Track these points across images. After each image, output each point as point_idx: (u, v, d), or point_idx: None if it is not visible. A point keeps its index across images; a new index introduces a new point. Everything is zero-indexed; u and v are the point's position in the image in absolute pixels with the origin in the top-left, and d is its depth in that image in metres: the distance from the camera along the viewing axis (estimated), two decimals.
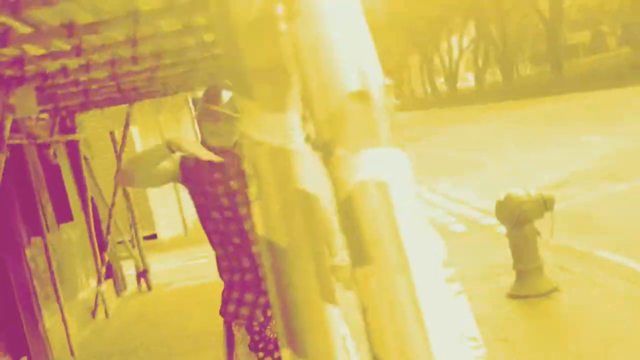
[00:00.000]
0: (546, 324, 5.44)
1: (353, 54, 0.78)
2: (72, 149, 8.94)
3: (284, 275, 0.81)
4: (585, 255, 7.01)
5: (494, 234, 8.45)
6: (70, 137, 8.71)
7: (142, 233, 13.92)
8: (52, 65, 5.08)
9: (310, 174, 0.84)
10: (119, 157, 9.25)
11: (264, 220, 0.83)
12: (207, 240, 3.42)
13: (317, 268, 0.82)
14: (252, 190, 0.84)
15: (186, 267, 11.43)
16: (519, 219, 6.09)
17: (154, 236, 14.75)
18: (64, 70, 5.07)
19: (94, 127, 11.56)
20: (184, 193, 13.22)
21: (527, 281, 6.11)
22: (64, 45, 4.43)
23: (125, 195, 10.03)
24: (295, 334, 0.83)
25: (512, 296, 6.12)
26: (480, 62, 53.54)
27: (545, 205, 6.10)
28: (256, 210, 0.84)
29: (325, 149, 0.77)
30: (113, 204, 9.17)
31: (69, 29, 3.69)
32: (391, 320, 0.76)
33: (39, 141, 8.06)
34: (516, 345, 5.07)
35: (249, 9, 0.83)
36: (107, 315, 9.03)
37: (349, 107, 0.76)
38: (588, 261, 6.84)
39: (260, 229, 0.83)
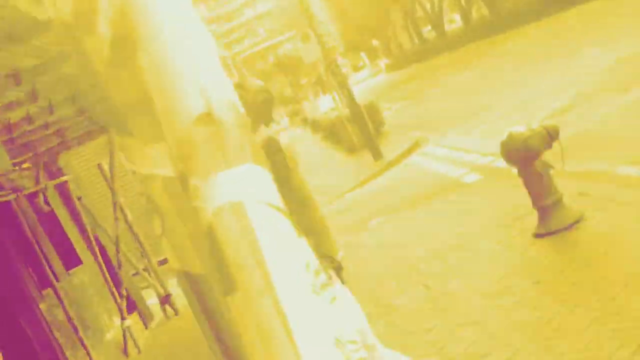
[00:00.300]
0: (578, 256, 5.41)
1: (196, 76, 0.77)
2: (63, 191, 8.97)
3: (209, 300, 0.81)
4: (606, 174, 6.96)
5: (511, 176, 8.41)
6: (58, 180, 8.74)
7: (156, 258, 14.00)
8: (14, 115, 5.08)
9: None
10: (112, 188, 9.27)
11: (175, 253, 0.82)
12: None
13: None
14: (156, 226, 0.84)
15: None
16: (527, 156, 6.05)
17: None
18: (27, 117, 5.08)
19: (80, 165, 11.59)
20: None
21: (550, 217, 6.08)
22: (18, 93, 4.42)
23: (128, 225, 10.06)
24: (232, 350, 0.82)
25: (539, 235, 6.09)
26: (463, 0, 53.02)
27: (550, 135, 6.06)
28: (165, 246, 0.84)
29: (180, 179, 0.77)
30: (117, 238, 9.21)
31: (16, 77, 3.68)
32: (262, 344, 0.75)
33: (26, 192, 8.09)
34: (551, 286, 5.05)
35: (101, 48, 0.82)
36: (139, 350, 9.10)
37: (195, 133, 0.76)
38: (610, 181, 6.79)
39: (173, 263, 0.83)
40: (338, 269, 4.09)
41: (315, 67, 23.82)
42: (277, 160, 3.69)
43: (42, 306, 7.46)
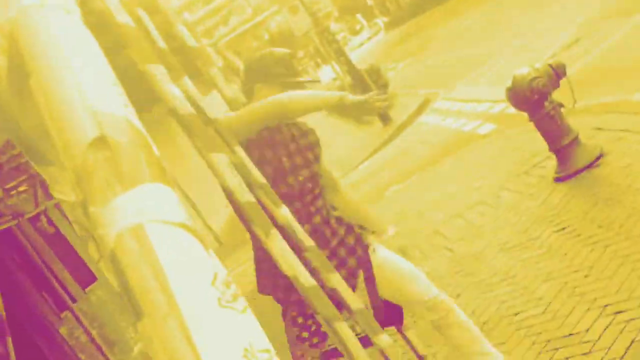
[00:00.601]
0: (602, 195, 5.37)
1: (87, 99, 0.77)
2: None
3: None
4: (621, 105, 6.90)
5: (525, 121, 8.36)
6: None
7: None
8: None
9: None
10: None
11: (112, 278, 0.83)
12: (239, 246, 3.58)
13: None
14: (92, 251, 0.84)
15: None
16: (535, 98, 6.01)
17: None
18: (8, 142, 5.10)
19: None
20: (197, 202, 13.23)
21: (569, 158, 6.05)
22: None
23: None
24: None
25: (559, 180, 6.06)
26: None
27: (557, 73, 6.01)
28: (104, 270, 0.84)
29: (82, 208, 0.77)
30: None
31: None
32: None
33: (27, 216, 8.16)
34: (577, 231, 5.03)
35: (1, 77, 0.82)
36: None
37: (90, 159, 0.76)
38: (626, 111, 6.73)
39: (115, 287, 0.84)
40: (404, 250, 4.11)
41: (310, 38, 23.72)
42: (312, 141, 3.67)
43: (62, 330, 7.55)
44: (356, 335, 3.45)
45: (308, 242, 3.17)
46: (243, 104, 4.58)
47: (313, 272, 3.14)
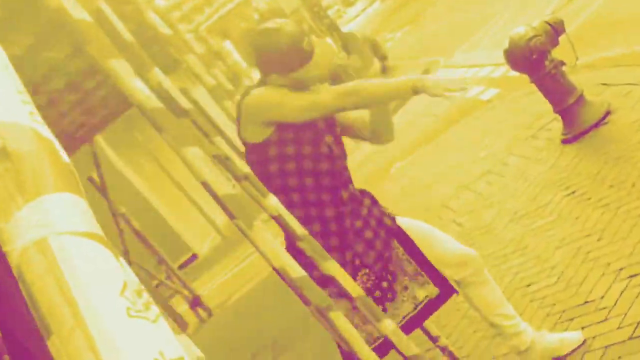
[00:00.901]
0: (612, 154, 5.36)
1: None
2: None
3: None
4: (627, 57, 6.87)
5: (528, 81, 8.33)
6: None
7: (179, 260, 14.17)
8: None
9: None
10: (108, 200, 9.36)
11: None
12: (243, 240, 3.53)
13: None
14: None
15: (234, 275, 11.61)
16: (534, 59, 5.98)
17: (194, 257, 14.97)
18: None
19: None
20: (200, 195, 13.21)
21: (575, 118, 6.03)
22: None
23: (136, 234, 10.16)
24: None
25: (566, 141, 6.05)
26: None
27: (555, 29, 5.98)
28: None
29: None
30: (127, 252, 9.32)
31: None
32: None
33: None
34: (587, 194, 5.03)
35: None
36: None
37: None
38: (633, 63, 6.70)
39: None
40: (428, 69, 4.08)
41: (301, 15, 23.64)
42: None
43: None
44: (375, 340, 3.45)
45: (301, 230, 3.18)
46: (227, 92, 4.55)
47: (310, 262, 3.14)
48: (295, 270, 2.73)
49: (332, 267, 3.12)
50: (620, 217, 4.45)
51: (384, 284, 3.52)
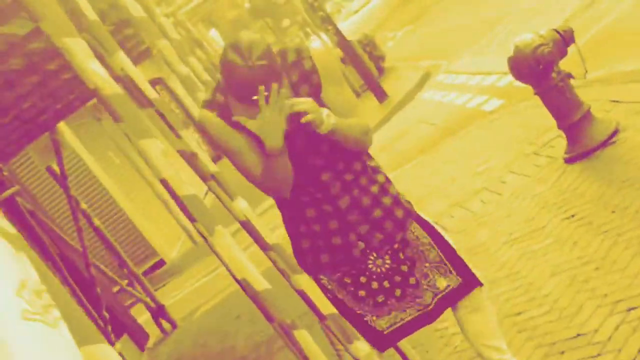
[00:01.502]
0: (617, 177, 5.39)
1: None
2: (11, 208, 9.00)
3: None
4: (636, 73, 6.91)
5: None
6: (2, 195, 8.78)
7: (144, 265, 14.13)
8: None
9: None
10: (67, 191, 9.33)
11: None
12: None
13: None
14: None
15: (204, 285, 11.59)
16: (540, 69, 6.01)
17: (160, 263, 14.92)
18: None
19: (27, 173, 11.64)
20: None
21: (580, 136, 6.06)
22: None
23: (97, 233, 10.13)
24: None
25: (569, 160, 6.08)
26: None
27: (564, 39, 6.01)
28: None
29: None
30: (85, 250, 9.28)
31: None
32: None
33: None
34: (588, 218, 5.05)
35: None
36: None
37: None
38: None
39: None
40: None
41: (294, 6, 23.68)
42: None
43: None
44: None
45: (270, 239, 3.18)
46: (205, 83, 4.54)
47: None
48: (261, 283, 2.72)
49: (302, 281, 3.11)
50: (621, 245, 4.47)
51: (403, 268, 3.41)
